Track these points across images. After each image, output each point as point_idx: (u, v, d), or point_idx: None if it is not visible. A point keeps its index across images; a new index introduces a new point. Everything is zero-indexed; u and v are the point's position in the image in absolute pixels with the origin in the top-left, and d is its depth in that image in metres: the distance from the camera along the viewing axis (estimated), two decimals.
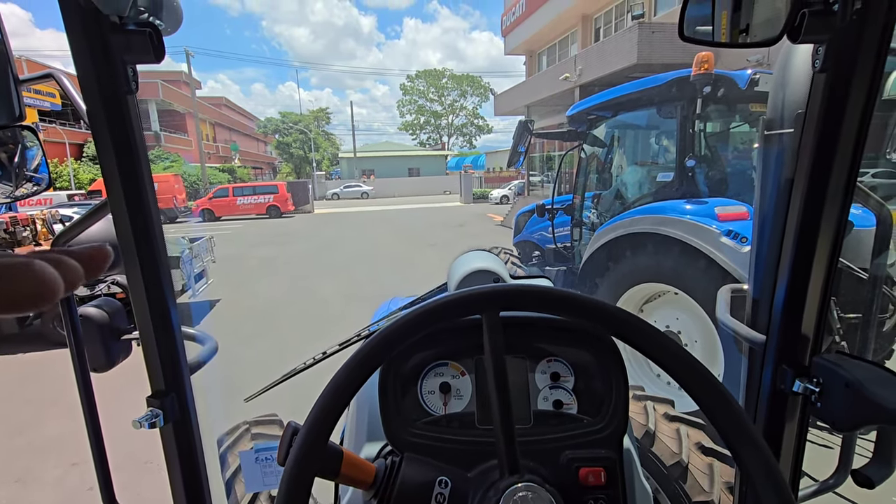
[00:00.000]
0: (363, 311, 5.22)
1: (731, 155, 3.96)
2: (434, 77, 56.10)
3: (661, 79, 3.56)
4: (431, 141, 58.08)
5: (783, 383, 0.79)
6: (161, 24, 0.68)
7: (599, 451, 0.68)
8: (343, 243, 13.13)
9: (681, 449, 1.29)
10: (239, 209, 22.76)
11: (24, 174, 0.94)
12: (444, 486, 0.61)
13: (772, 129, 0.81)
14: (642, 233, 3.40)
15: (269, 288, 8.01)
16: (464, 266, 1.04)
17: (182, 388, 0.86)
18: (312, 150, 44.04)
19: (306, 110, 54.46)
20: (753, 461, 0.51)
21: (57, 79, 0.86)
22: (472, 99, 56.47)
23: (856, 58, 0.63)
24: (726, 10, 0.68)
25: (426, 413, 0.73)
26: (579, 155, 4.88)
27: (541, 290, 0.58)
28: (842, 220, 0.71)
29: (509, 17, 23.21)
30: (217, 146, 39.87)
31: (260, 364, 4.51)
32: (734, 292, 0.97)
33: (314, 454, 0.53)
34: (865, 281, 1.84)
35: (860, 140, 0.67)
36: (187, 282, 6.17)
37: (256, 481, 1.10)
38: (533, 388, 0.75)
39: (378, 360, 0.58)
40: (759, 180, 0.86)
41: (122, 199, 0.74)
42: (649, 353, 0.56)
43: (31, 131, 0.89)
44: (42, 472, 3.12)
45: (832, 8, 0.61)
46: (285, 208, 23.22)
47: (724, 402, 0.53)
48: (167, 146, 29.59)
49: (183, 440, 0.88)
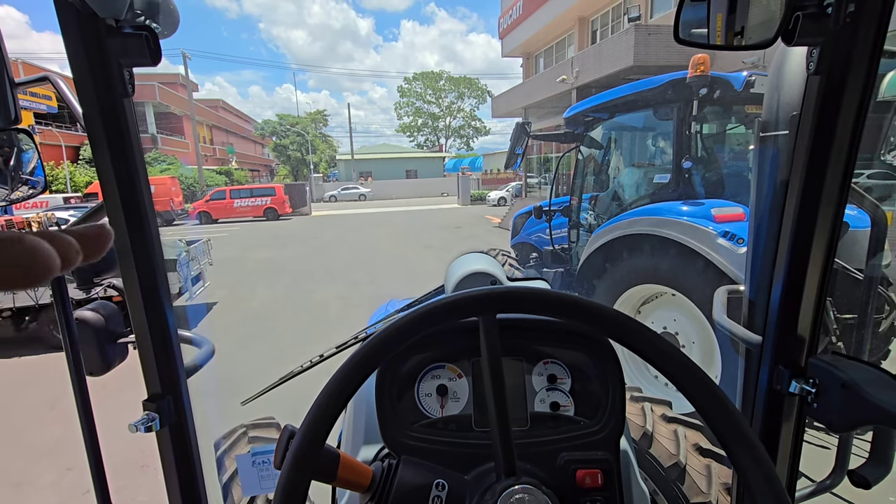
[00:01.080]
0: (360, 313, 5.21)
1: (727, 156, 3.98)
2: (431, 79, 56.18)
3: (658, 81, 3.58)
4: (429, 143, 58.14)
5: (780, 384, 0.79)
6: (157, 26, 0.69)
7: (596, 452, 0.68)
8: (340, 245, 13.11)
9: (678, 450, 1.29)
10: (236, 212, 22.70)
11: (20, 177, 0.93)
12: (441, 489, 0.61)
13: (767, 131, 0.81)
14: (639, 234, 3.41)
15: (266, 290, 7.99)
16: (461, 268, 1.04)
17: (178, 391, 0.86)
18: (310, 152, 44.00)
19: (304, 112, 54.54)
20: (750, 463, 0.51)
21: (53, 82, 0.86)
22: (470, 101, 56.64)
23: (850, 60, 0.64)
24: (721, 12, 0.69)
25: (423, 416, 0.73)
26: (576, 157, 4.89)
27: (537, 293, 0.58)
28: (837, 222, 0.71)
29: (506, 19, 23.27)
30: (214, 148, 39.80)
31: (257, 367, 4.49)
32: (731, 293, 0.98)
33: (311, 457, 0.53)
34: (861, 281, 1.85)
35: (855, 141, 0.67)
36: (184, 285, 6.15)
37: (253, 485, 1.10)
38: (530, 390, 0.75)
39: (375, 363, 0.58)
40: (755, 182, 0.86)
41: (118, 201, 0.74)
42: (645, 355, 0.56)
43: (27, 134, 0.88)
44: (37, 476, 3.10)
45: (826, 11, 0.61)
46: (283, 211, 23.18)
47: (720, 405, 0.53)
48: (164, 149, 29.50)
49: (179, 444, 0.88)
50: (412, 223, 18.00)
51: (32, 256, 0.22)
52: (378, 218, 21.03)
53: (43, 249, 0.22)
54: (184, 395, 0.87)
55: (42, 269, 0.22)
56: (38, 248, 0.22)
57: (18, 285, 0.22)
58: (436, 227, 16.38)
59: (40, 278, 0.22)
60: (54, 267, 0.23)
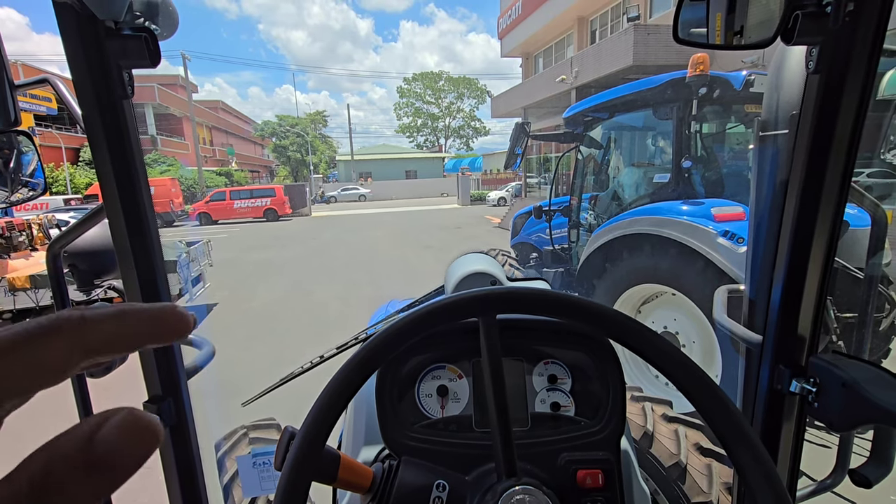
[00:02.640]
0: (360, 313, 5.21)
1: (726, 156, 3.98)
2: (431, 79, 56.21)
3: (657, 80, 3.58)
4: (429, 143, 58.16)
5: (780, 383, 0.79)
6: (157, 28, 0.69)
7: (597, 453, 0.68)
8: (340, 246, 13.11)
9: (679, 450, 1.29)
10: (236, 213, 22.70)
11: (20, 179, 0.94)
12: (442, 490, 0.61)
13: (767, 131, 0.81)
14: (639, 234, 3.40)
15: (266, 291, 7.99)
16: (461, 268, 1.04)
17: (179, 392, 0.86)
18: (309, 153, 44.03)
19: (303, 113, 54.68)
20: (751, 463, 0.51)
21: (52, 83, 0.86)
22: (469, 101, 56.68)
23: (849, 59, 0.64)
24: (720, 12, 0.69)
25: (423, 416, 0.73)
26: (576, 157, 4.89)
27: (538, 293, 0.58)
28: (837, 221, 0.71)
29: (505, 19, 23.27)
30: (214, 150, 39.81)
31: (257, 368, 4.49)
32: (731, 293, 0.98)
33: (311, 458, 0.53)
34: (861, 281, 1.85)
35: (854, 140, 0.67)
36: (184, 286, 6.16)
37: (254, 486, 1.10)
38: (530, 390, 0.75)
39: (375, 364, 0.58)
40: (755, 181, 0.86)
41: (118, 203, 0.74)
42: (646, 355, 0.56)
43: (27, 136, 0.89)
44: None
45: (825, 10, 0.61)
46: (282, 211, 23.17)
47: (721, 404, 0.53)
48: (164, 150, 29.50)
49: (180, 445, 0.88)
50: (412, 223, 17.99)
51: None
52: (378, 218, 21.03)
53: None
54: (184, 396, 0.87)
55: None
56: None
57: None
58: (435, 227, 16.38)
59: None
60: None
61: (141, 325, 0.21)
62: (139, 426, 0.18)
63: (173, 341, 0.24)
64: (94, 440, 0.17)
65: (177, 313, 0.23)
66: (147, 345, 0.22)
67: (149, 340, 0.22)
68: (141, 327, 0.21)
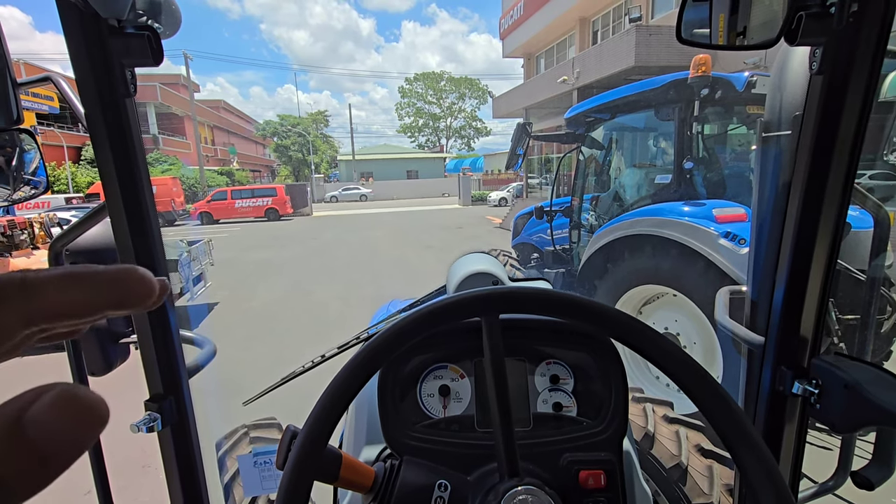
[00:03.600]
0: (361, 314, 5.20)
1: (728, 157, 3.98)
2: (432, 80, 56.19)
3: (659, 81, 3.57)
4: (430, 143, 58.13)
5: (782, 385, 0.79)
6: (160, 27, 0.69)
7: (599, 453, 0.67)
8: (341, 245, 13.11)
9: (680, 451, 1.29)
10: (237, 212, 22.72)
11: (22, 177, 0.94)
12: (444, 490, 0.60)
13: (769, 132, 0.81)
14: (640, 235, 3.40)
15: (267, 291, 8.00)
16: (463, 268, 1.04)
17: (180, 391, 0.86)
18: (311, 152, 44.06)
19: (305, 113, 54.58)
20: (753, 463, 0.51)
21: (55, 82, 0.86)
22: (471, 101, 56.57)
23: (852, 60, 0.64)
24: (723, 12, 0.68)
25: (425, 416, 0.73)
26: (577, 157, 4.89)
27: (540, 293, 0.58)
28: (840, 222, 0.71)
29: (507, 20, 23.27)
30: (215, 149, 39.84)
31: (259, 367, 4.49)
32: (733, 294, 0.98)
33: (313, 458, 0.53)
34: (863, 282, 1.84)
35: (857, 142, 0.67)
36: (185, 285, 6.15)
37: (255, 485, 1.10)
38: (532, 390, 0.75)
39: (377, 364, 0.58)
40: (757, 182, 0.86)
41: (120, 202, 0.74)
42: (648, 355, 0.56)
43: (29, 134, 0.89)
44: None
45: (829, 11, 0.61)
46: (284, 211, 23.18)
47: (724, 405, 0.53)
48: (165, 149, 29.53)
49: (181, 444, 0.88)
50: (413, 223, 17.99)
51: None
52: (379, 218, 21.03)
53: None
54: (185, 395, 0.87)
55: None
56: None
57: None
58: (437, 227, 16.37)
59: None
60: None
61: (96, 289, 0.19)
62: (79, 405, 0.15)
63: (137, 309, 0.21)
64: (22, 420, 0.14)
65: (138, 276, 0.20)
66: (106, 312, 0.20)
67: (107, 307, 0.19)
68: (96, 292, 0.19)
